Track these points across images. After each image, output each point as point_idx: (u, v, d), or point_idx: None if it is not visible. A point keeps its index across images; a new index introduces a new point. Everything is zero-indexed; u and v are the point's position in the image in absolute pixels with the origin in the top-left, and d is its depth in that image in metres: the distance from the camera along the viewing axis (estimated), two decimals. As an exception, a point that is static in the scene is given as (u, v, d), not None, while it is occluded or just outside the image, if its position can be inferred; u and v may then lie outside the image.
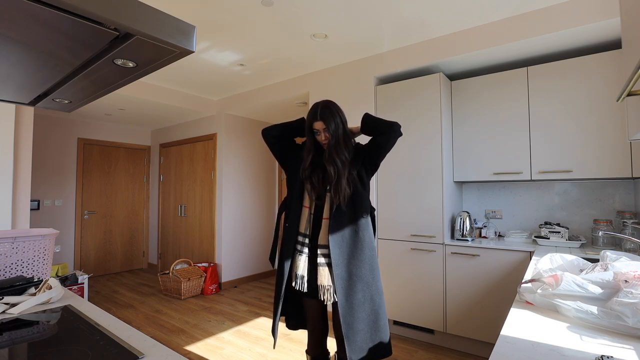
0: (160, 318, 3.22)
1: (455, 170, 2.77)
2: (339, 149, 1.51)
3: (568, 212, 2.58)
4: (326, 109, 1.52)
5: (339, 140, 1.52)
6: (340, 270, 1.43)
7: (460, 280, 2.45)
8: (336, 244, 1.44)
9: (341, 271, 1.43)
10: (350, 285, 1.43)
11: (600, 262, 1.16)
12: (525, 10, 2.24)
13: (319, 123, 1.52)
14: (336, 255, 1.43)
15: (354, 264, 1.45)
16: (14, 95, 0.90)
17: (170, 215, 5.01)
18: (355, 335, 1.39)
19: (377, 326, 1.45)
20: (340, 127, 1.53)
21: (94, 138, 4.80)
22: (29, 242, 1.29)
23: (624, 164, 2.14)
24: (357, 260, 1.45)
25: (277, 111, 4.27)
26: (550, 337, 0.82)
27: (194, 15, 2.30)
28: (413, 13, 2.28)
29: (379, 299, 1.47)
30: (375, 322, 1.45)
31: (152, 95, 3.75)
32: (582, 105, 2.28)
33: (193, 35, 0.64)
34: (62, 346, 0.80)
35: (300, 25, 2.44)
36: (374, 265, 1.49)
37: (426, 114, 2.66)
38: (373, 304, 1.45)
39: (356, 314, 1.41)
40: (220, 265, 4.20)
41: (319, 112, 1.51)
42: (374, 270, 1.49)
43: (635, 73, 0.74)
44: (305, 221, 1.53)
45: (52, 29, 0.54)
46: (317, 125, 1.53)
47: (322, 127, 1.52)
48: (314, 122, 1.53)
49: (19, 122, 2.53)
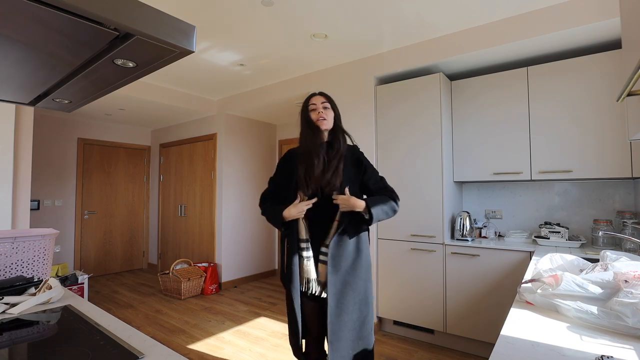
0: (160, 318, 3.22)
1: (455, 170, 2.76)
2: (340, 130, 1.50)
3: (568, 212, 2.58)
4: (325, 93, 1.53)
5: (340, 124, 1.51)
6: (334, 278, 1.40)
7: (460, 280, 2.45)
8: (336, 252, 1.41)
9: (336, 280, 1.40)
10: (343, 294, 1.40)
11: (600, 262, 1.16)
12: (525, 10, 2.24)
13: (318, 97, 1.48)
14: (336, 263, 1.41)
15: (351, 273, 1.42)
16: (14, 95, 0.90)
17: (170, 215, 5.01)
18: (340, 342, 1.37)
19: (362, 335, 1.43)
20: (338, 113, 1.53)
21: (94, 138, 4.80)
22: (29, 242, 1.29)
23: (624, 164, 2.14)
24: (354, 270, 1.43)
25: (277, 111, 4.27)
26: (550, 337, 0.82)
27: (194, 15, 2.30)
28: (413, 13, 2.28)
29: (366, 309, 1.45)
30: (360, 330, 1.42)
31: (152, 95, 3.75)
32: (582, 105, 2.28)
33: (193, 35, 0.64)
34: (62, 346, 0.80)
35: (300, 25, 2.44)
36: (369, 276, 1.48)
37: (426, 114, 2.66)
38: (360, 313, 1.43)
39: (343, 322, 1.38)
40: (220, 265, 4.20)
41: (318, 92, 1.51)
42: (368, 281, 1.47)
43: (635, 73, 0.74)
44: (302, 227, 1.48)
45: (52, 29, 0.54)
46: (316, 99, 1.47)
47: (322, 101, 1.47)
48: (312, 97, 1.48)
49: (19, 122, 2.53)
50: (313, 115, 1.47)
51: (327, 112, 1.48)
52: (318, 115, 1.46)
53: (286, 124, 4.91)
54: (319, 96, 1.49)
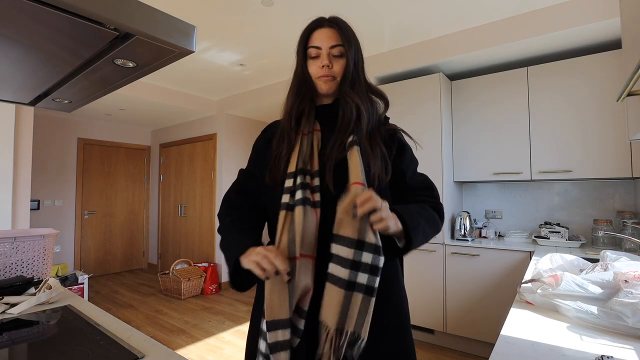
0: (160, 318, 3.22)
1: (455, 170, 2.76)
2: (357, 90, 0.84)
3: (568, 212, 2.58)
4: (340, 21, 0.87)
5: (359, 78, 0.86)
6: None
7: (460, 280, 2.45)
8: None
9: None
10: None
11: (600, 262, 1.16)
12: (525, 10, 2.24)
13: (325, 31, 0.84)
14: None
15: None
16: (14, 95, 0.90)
17: (170, 215, 5.01)
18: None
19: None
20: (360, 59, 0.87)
21: (94, 138, 4.80)
22: (29, 242, 1.29)
23: (624, 164, 2.14)
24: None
25: (277, 111, 4.24)
26: (550, 337, 0.82)
27: (194, 15, 2.30)
28: (413, 13, 2.28)
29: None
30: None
31: (152, 95, 3.75)
32: (583, 105, 2.28)
33: (193, 35, 0.64)
34: (62, 346, 0.80)
35: (301, 25, 2.42)
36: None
37: (426, 114, 2.66)
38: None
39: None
40: (220, 265, 4.20)
41: (329, 19, 0.87)
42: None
43: (635, 73, 0.74)
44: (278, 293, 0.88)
45: (52, 29, 0.54)
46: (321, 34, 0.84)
47: (331, 43, 0.83)
48: (316, 30, 0.86)
49: (19, 122, 2.53)
50: (312, 68, 0.86)
51: (337, 62, 0.84)
52: (321, 70, 0.84)
53: (286, 124, 4.91)
54: (328, 29, 0.84)
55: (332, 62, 0.83)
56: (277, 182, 0.82)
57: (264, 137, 0.96)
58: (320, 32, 0.84)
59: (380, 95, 0.90)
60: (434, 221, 0.82)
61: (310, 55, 0.85)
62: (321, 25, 0.84)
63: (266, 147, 0.91)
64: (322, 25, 0.84)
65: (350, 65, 0.83)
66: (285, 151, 0.83)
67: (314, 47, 0.84)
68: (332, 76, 0.84)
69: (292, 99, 0.89)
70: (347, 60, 0.83)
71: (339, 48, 0.83)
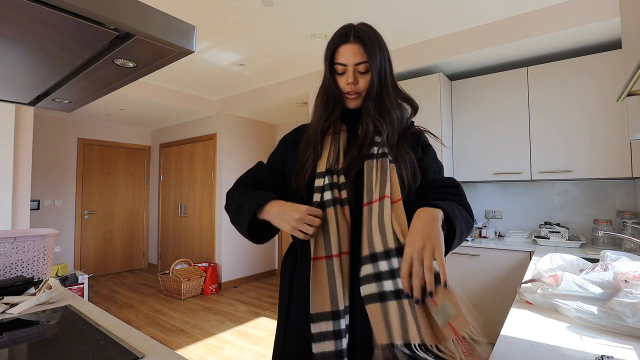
0: (160, 318, 3.22)
1: (455, 170, 2.76)
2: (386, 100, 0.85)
3: (568, 212, 2.58)
4: (368, 29, 0.84)
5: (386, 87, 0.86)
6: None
7: (460, 280, 2.45)
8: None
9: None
10: None
11: (600, 262, 1.16)
12: (525, 10, 2.24)
13: (351, 46, 0.82)
14: None
15: None
16: (14, 95, 0.90)
17: (170, 215, 5.01)
18: None
19: None
20: (386, 67, 0.86)
21: (94, 138, 4.80)
22: (29, 242, 1.29)
23: (624, 164, 2.14)
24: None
25: (277, 111, 4.27)
26: (550, 337, 0.82)
27: (194, 15, 2.30)
28: (413, 13, 2.28)
29: None
30: None
31: (152, 95, 3.75)
32: (583, 104, 2.28)
33: (193, 35, 0.64)
34: (62, 346, 0.80)
35: (301, 25, 2.44)
36: None
37: (426, 114, 2.66)
38: None
39: None
40: (220, 265, 4.20)
41: (354, 31, 0.83)
42: None
43: (635, 73, 0.74)
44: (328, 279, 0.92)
45: (52, 29, 0.54)
46: (347, 50, 0.83)
47: (356, 60, 0.82)
48: (342, 46, 0.84)
49: (19, 122, 2.53)
50: (340, 82, 0.87)
51: (362, 78, 0.85)
52: (347, 87, 0.86)
53: (286, 123, 4.91)
54: (353, 45, 0.82)
55: (357, 79, 0.85)
56: (302, 184, 0.86)
57: (291, 137, 0.99)
58: (346, 48, 0.84)
59: (409, 100, 0.93)
60: (466, 216, 0.80)
61: (337, 71, 0.87)
62: (346, 41, 0.83)
63: (293, 147, 0.94)
64: (347, 41, 0.83)
65: (375, 82, 0.84)
66: (312, 160, 0.86)
67: (339, 64, 0.85)
68: (358, 93, 0.87)
69: (321, 111, 0.91)
70: (371, 76, 0.84)
71: (365, 65, 0.83)
